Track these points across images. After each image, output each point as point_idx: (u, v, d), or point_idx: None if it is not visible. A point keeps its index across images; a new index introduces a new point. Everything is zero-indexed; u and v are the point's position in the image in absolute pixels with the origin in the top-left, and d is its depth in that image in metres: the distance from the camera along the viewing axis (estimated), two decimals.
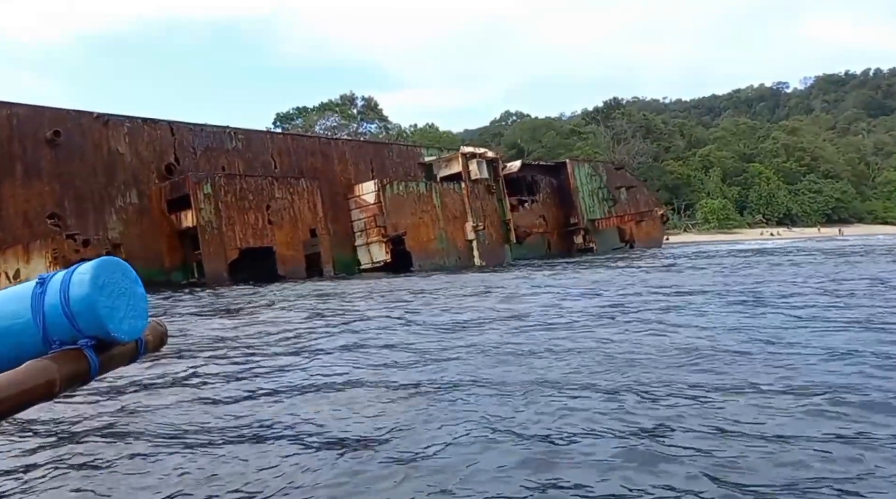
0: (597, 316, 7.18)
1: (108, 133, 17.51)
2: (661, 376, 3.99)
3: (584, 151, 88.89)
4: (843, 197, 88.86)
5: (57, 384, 0.95)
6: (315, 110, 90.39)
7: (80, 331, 1.01)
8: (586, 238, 38.49)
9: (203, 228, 17.91)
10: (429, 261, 25.26)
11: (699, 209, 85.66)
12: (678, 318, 6.65)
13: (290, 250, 20.31)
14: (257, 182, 19.70)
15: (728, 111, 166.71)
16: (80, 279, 1.01)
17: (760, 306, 7.51)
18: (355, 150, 26.10)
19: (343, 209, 24.61)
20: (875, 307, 7.07)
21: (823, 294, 8.44)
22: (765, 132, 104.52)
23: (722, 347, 4.86)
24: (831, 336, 5.17)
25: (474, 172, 28.39)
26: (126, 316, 1.05)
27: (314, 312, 8.80)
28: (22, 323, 1.02)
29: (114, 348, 1.04)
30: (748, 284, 10.60)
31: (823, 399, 3.28)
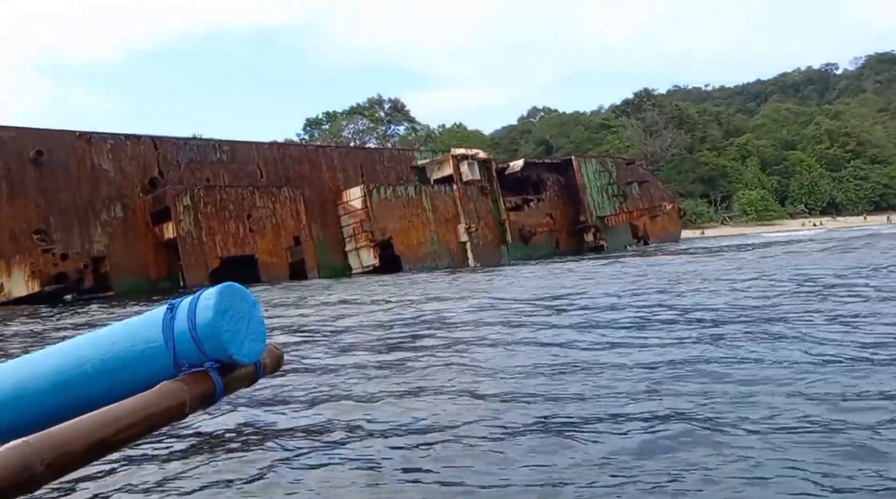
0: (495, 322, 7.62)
1: (92, 150, 18.73)
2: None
3: (614, 144, 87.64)
4: (892, 183, 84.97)
5: (187, 405, 1.01)
6: (343, 115, 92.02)
7: (206, 354, 1.06)
8: (597, 235, 38.23)
9: (183, 238, 18.93)
10: (419, 264, 25.77)
11: (736, 201, 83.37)
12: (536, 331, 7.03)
13: (272, 258, 21.18)
14: (238, 192, 20.64)
15: (774, 97, 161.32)
16: (205, 305, 1.07)
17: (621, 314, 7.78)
18: (344, 156, 26.86)
19: (332, 215, 25.40)
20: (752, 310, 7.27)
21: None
22: (807, 118, 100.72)
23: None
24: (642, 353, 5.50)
25: (466, 173, 28.76)
26: (246, 339, 1.10)
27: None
28: (155, 347, 1.08)
29: (236, 371, 1.10)
30: (655, 287, 10.78)
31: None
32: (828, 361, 4.34)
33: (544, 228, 36.64)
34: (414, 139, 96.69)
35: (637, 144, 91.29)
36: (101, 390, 1.08)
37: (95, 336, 1.14)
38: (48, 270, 15.39)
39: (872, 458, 2.59)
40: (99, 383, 1.09)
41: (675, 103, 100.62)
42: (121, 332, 1.12)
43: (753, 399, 3.49)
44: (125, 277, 18.72)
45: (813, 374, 4.00)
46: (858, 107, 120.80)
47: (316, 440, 3.24)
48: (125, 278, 18.70)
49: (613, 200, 40.01)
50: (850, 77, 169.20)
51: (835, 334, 5.29)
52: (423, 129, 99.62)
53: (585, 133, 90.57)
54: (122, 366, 1.08)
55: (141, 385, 1.03)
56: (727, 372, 4.17)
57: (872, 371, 3.98)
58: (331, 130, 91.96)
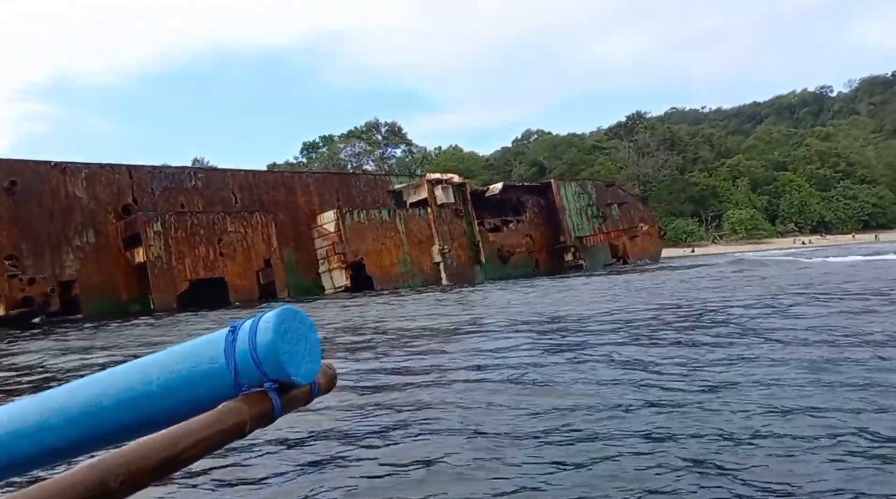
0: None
1: (66, 179, 19.61)
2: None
3: (606, 166, 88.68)
4: (880, 202, 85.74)
5: (247, 424, 1.03)
6: (340, 138, 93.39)
7: (266, 375, 1.08)
8: (576, 255, 38.94)
9: (152, 262, 19.69)
10: (392, 284, 26.47)
11: (726, 220, 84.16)
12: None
13: (242, 280, 21.92)
14: (209, 217, 21.44)
15: (769, 119, 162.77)
16: (265, 327, 1.10)
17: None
18: (320, 182, 27.71)
19: (307, 238, 26.18)
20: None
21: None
22: (798, 139, 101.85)
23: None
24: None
25: (440, 197, 29.58)
26: (303, 360, 1.13)
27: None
28: (218, 367, 1.10)
29: (293, 391, 1.12)
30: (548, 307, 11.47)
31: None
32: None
33: (523, 249, 37.40)
34: (411, 161, 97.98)
35: (630, 166, 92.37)
36: (166, 407, 1.12)
37: (162, 356, 1.18)
38: (14, 295, 16.11)
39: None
40: (164, 401, 1.13)
41: (666, 126, 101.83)
42: (185, 352, 1.16)
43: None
44: (96, 300, 19.45)
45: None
46: (851, 128, 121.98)
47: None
48: (96, 301, 19.43)
49: (592, 221, 40.77)
50: (845, 99, 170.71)
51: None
52: (420, 151, 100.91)
53: (578, 155, 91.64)
54: (187, 385, 1.12)
55: (203, 404, 1.07)
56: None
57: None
58: (328, 154, 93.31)
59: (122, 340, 11.14)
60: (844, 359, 4.73)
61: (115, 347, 9.85)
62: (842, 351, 5.14)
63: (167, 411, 1.11)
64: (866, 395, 3.69)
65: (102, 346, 10.03)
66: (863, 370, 4.31)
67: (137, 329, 13.38)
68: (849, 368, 4.42)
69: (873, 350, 5.03)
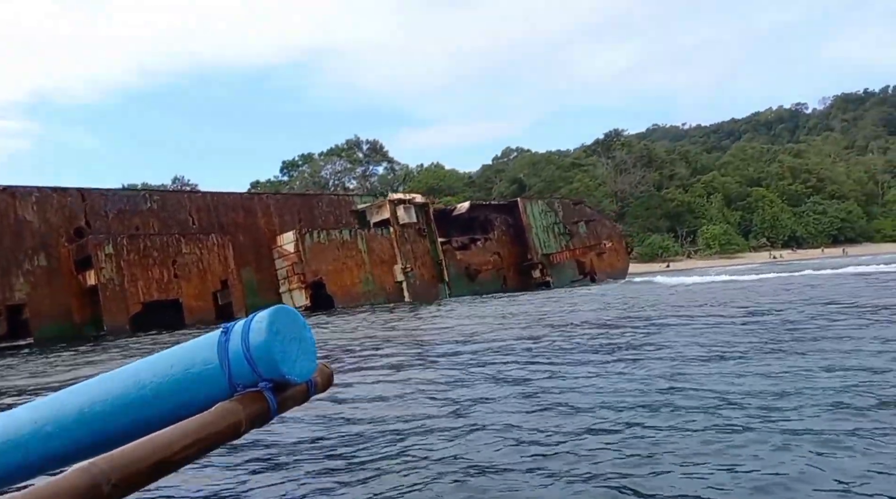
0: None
1: (16, 203, 19.73)
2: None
3: (584, 182, 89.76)
4: (849, 217, 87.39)
5: (243, 425, 1.03)
6: (321, 156, 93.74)
7: (260, 374, 1.08)
8: (543, 272, 39.42)
9: (104, 285, 19.79)
10: (353, 303, 26.68)
11: (701, 236, 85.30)
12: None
13: (198, 301, 22.04)
14: (163, 240, 21.60)
15: (747, 135, 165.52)
16: (258, 327, 1.09)
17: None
18: (281, 203, 27.98)
19: (268, 259, 26.38)
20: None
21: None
22: (771, 156, 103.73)
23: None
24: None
25: (402, 217, 29.94)
26: (298, 359, 1.11)
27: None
28: (211, 369, 1.09)
29: (288, 390, 1.11)
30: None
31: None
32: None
33: (490, 266, 37.79)
34: (393, 179, 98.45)
35: (608, 182, 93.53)
36: (161, 411, 1.11)
37: (154, 360, 1.17)
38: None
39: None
40: (158, 405, 1.11)
41: (643, 143, 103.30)
42: (178, 355, 1.15)
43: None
44: (48, 324, 19.50)
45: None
46: (823, 145, 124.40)
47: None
48: (48, 325, 19.48)
49: (559, 238, 41.30)
50: (819, 116, 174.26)
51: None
52: (403, 168, 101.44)
53: (557, 172, 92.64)
54: (180, 388, 1.11)
55: (198, 406, 1.05)
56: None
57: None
58: (309, 172, 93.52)
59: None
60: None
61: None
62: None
63: (162, 415, 1.10)
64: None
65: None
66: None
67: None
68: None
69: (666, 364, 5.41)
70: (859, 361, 5.14)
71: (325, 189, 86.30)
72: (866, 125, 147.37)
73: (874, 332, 6.88)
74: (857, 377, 4.54)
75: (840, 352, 5.69)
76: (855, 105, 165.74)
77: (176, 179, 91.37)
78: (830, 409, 3.75)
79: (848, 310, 9.32)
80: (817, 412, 3.69)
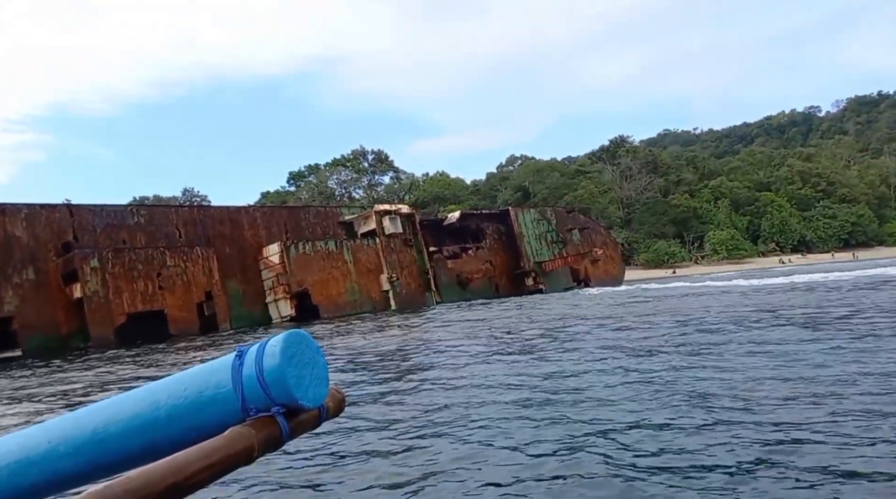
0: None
1: (5, 219, 20.71)
2: None
3: (589, 189, 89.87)
4: (860, 221, 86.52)
5: (255, 449, 1.02)
6: (327, 167, 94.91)
7: (273, 399, 1.08)
8: (536, 280, 39.83)
9: (89, 297, 20.67)
10: (339, 312, 27.34)
11: (708, 241, 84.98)
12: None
13: (182, 312, 22.85)
14: (148, 253, 22.47)
15: (759, 139, 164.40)
16: (272, 351, 1.09)
17: None
18: (267, 215, 28.79)
19: (254, 270, 27.16)
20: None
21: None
22: (780, 160, 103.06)
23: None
24: None
25: (388, 227, 30.62)
26: (311, 385, 1.12)
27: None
28: (225, 393, 1.10)
29: (301, 415, 1.11)
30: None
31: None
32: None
33: (481, 274, 38.30)
34: (399, 188, 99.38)
35: (614, 189, 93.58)
36: (174, 433, 1.11)
37: (168, 382, 1.17)
38: None
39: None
40: (172, 427, 1.11)
41: (649, 149, 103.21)
42: (192, 378, 1.15)
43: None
44: (36, 335, 20.40)
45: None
46: (836, 148, 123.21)
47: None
48: (36, 336, 20.38)
49: (553, 246, 41.68)
50: (832, 119, 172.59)
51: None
52: (409, 177, 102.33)
53: (561, 179, 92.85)
54: (194, 411, 1.11)
55: (211, 429, 1.05)
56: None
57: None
58: (316, 182, 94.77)
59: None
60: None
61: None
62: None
63: (175, 437, 1.10)
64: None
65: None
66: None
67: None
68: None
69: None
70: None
71: (332, 199, 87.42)
72: (881, 128, 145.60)
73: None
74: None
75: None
76: (869, 108, 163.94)
77: (186, 191, 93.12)
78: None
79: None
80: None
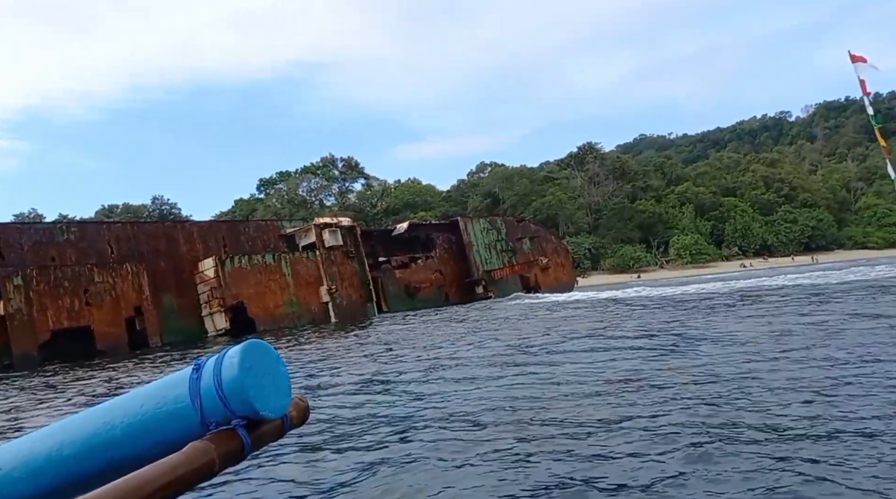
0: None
1: None
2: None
3: (557, 196, 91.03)
4: (820, 225, 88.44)
5: (216, 464, 1.00)
6: (297, 174, 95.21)
7: (233, 412, 1.06)
8: (486, 288, 40.57)
9: (11, 315, 20.99)
10: (276, 324, 27.82)
11: (672, 246, 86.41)
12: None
13: (109, 328, 23.23)
14: (75, 270, 22.83)
15: (732, 143, 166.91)
16: (230, 363, 1.07)
17: None
18: (205, 230, 29.23)
19: (190, 284, 27.57)
20: None
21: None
22: (746, 165, 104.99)
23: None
24: None
25: (328, 240, 31.16)
26: (272, 395, 1.10)
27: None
28: (183, 407, 1.07)
29: (263, 426, 1.09)
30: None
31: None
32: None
33: (430, 284, 38.98)
34: (371, 194, 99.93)
35: (583, 195, 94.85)
36: (133, 451, 1.09)
37: (125, 399, 1.15)
38: None
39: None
40: (130, 445, 1.10)
41: (617, 156, 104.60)
42: (149, 393, 1.13)
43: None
44: None
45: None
46: (803, 153, 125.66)
47: None
48: None
49: (502, 254, 42.45)
50: (802, 124, 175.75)
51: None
52: (381, 184, 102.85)
53: (529, 185, 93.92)
54: (152, 427, 1.09)
55: (170, 445, 1.03)
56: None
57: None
58: (286, 189, 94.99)
59: None
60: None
61: None
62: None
63: (133, 455, 1.08)
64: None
65: None
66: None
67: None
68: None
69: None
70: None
71: (303, 206, 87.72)
72: (847, 133, 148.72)
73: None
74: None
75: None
76: (836, 113, 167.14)
77: (155, 200, 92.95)
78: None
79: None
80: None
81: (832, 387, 4.89)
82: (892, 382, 4.86)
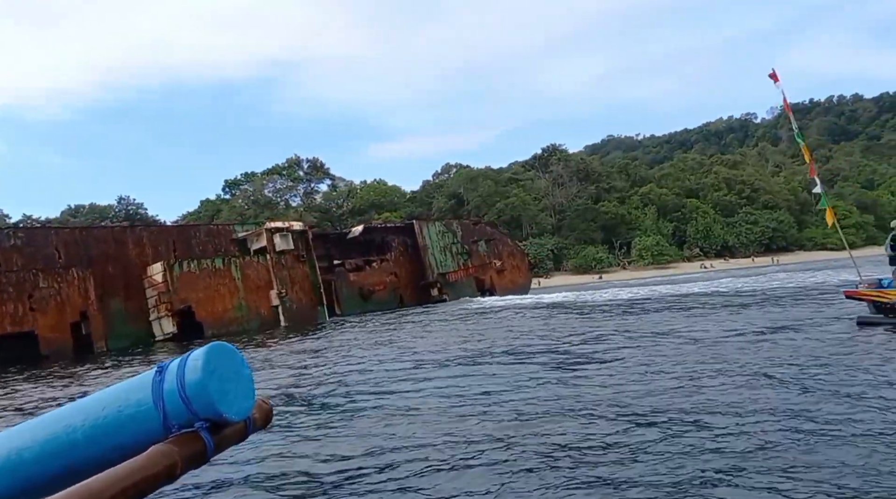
0: None
1: None
2: None
3: (521, 197, 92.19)
4: (780, 226, 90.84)
5: (178, 467, 0.99)
6: (262, 175, 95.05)
7: (196, 414, 1.05)
8: (440, 290, 41.36)
9: None
10: (225, 328, 28.33)
11: (634, 247, 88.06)
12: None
13: (54, 332, 23.62)
14: (18, 275, 23.19)
15: (698, 145, 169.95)
16: (194, 365, 1.06)
17: None
18: (155, 235, 29.67)
19: (138, 289, 27.98)
20: None
21: None
22: (709, 167, 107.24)
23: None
24: None
25: (279, 244, 31.72)
26: (235, 397, 1.10)
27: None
28: (145, 410, 1.07)
29: (226, 429, 1.09)
30: None
31: None
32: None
33: (384, 286, 39.71)
34: (336, 195, 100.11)
35: (547, 196, 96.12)
36: (94, 455, 1.08)
37: (86, 402, 1.14)
38: None
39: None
40: (91, 449, 1.08)
41: (581, 157, 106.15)
42: (111, 396, 1.12)
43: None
44: None
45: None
46: (767, 154, 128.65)
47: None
48: None
49: (458, 257, 43.27)
50: (767, 125, 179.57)
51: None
52: (347, 185, 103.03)
53: (493, 187, 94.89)
54: (113, 430, 1.08)
55: (132, 449, 1.02)
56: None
57: None
58: (252, 190, 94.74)
59: None
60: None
61: None
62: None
63: (95, 459, 1.07)
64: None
65: None
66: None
67: None
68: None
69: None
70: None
71: (268, 207, 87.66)
72: (811, 135, 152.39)
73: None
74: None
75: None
76: (801, 115, 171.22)
77: (121, 200, 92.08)
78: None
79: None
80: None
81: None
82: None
